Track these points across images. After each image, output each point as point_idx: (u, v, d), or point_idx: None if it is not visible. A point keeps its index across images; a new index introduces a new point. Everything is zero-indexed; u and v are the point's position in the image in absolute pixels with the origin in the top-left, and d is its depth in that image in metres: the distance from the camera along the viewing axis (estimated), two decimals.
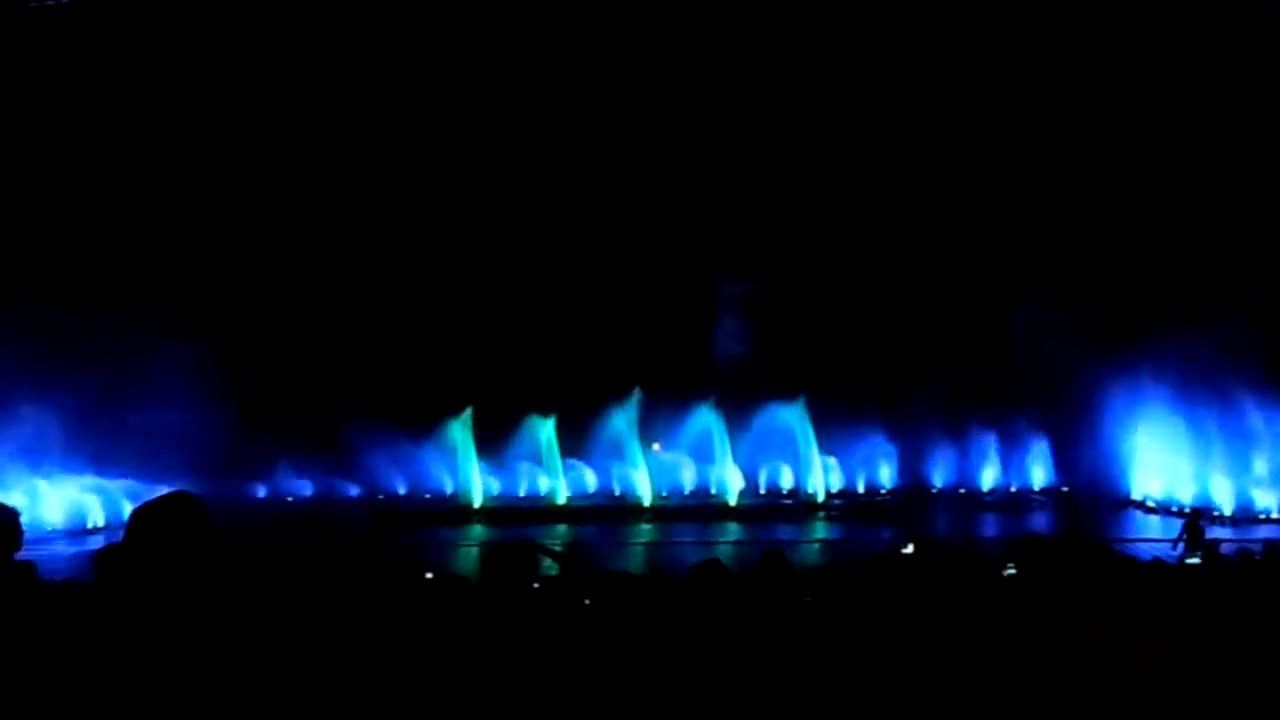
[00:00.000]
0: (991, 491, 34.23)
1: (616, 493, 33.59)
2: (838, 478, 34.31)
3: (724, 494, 32.98)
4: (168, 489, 4.01)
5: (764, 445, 34.24)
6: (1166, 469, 30.33)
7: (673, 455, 34.48)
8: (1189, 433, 29.86)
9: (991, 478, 34.60)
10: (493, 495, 33.80)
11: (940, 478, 34.76)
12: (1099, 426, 31.72)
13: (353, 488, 33.40)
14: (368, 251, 36.53)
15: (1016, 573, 4.69)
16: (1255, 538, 17.63)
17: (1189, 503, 27.66)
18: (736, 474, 33.32)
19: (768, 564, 5.80)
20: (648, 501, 32.66)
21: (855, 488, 34.41)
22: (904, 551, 7.74)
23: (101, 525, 27.50)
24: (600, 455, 34.05)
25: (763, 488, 34.13)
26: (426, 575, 6.58)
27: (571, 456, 33.95)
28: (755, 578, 5.79)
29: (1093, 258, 33.43)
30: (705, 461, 33.83)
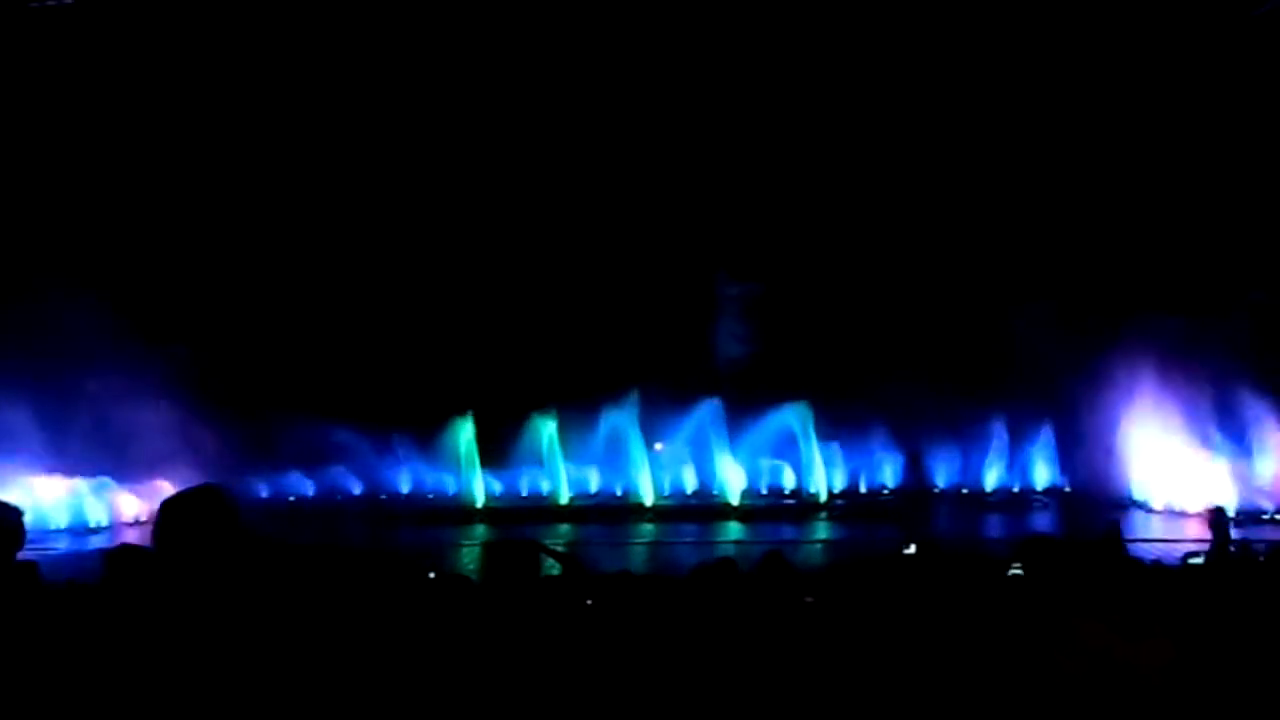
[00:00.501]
0: (994, 492, 34.20)
1: (618, 493, 33.58)
2: (840, 477, 34.29)
3: (725, 494, 32.96)
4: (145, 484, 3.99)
5: (766, 445, 34.24)
6: (1168, 469, 30.24)
7: (674, 455, 34.45)
8: (1191, 432, 29.80)
9: (994, 478, 34.57)
10: (495, 495, 33.83)
11: (943, 478, 34.74)
12: (1100, 426, 31.67)
13: (356, 488, 33.46)
14: (370, 253, 36.56)
15: (1021, 573, 4.68)
16: (1261, 538, 17.58)
17: (1206, 503, 27.45)
18: (738, 474, 33.30)
19: (767, 566, 5.79)
20: (649, 501, 32.65)
21: (858, 488, 34.39)
22: (906, 552, 7.73)
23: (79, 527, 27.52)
24: (602, 455, 34.03)
25: (764, 488, 34.10)
26: (429, 575, 6.58)
27: (573, 457, 33.94)
28: (756, 579, 5.78)
29: (1094, 255, 33.41)
30: (707, 461, 33.82)
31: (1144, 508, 30.36)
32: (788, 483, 34.09)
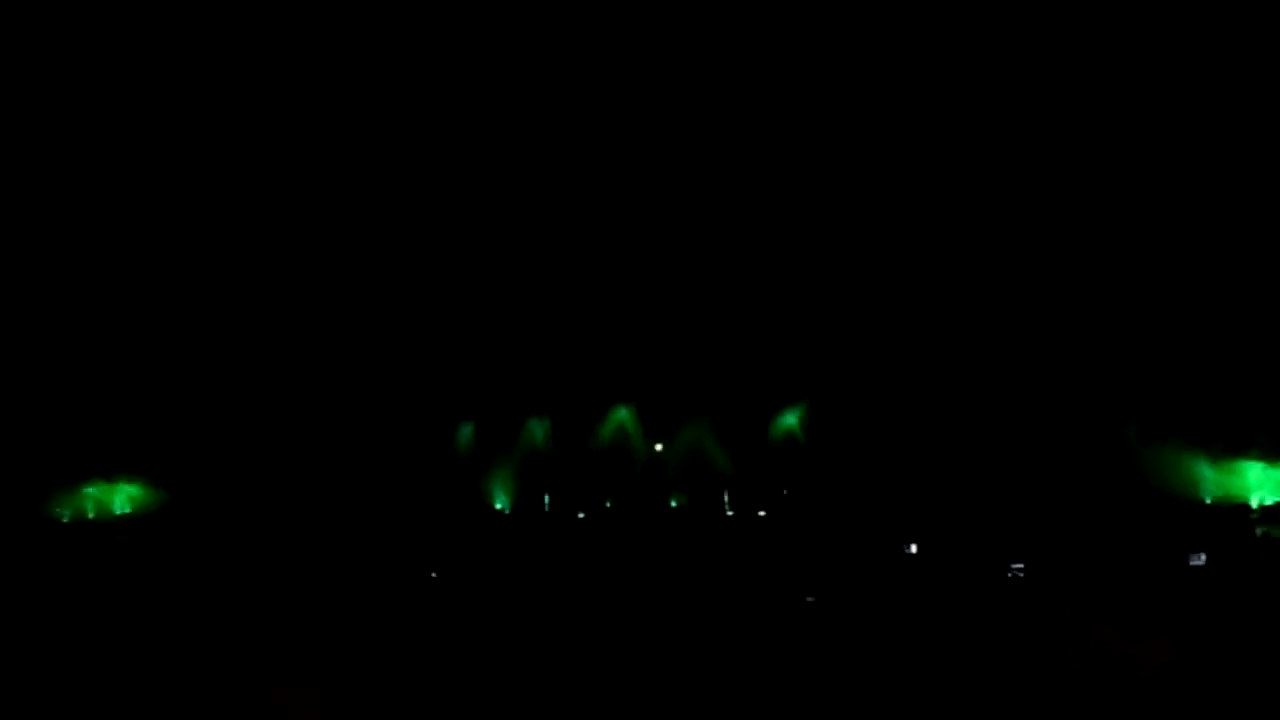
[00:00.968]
0: None
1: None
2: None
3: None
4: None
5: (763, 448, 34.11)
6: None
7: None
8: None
9: None
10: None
11: None
12: None
13: (356, 487, 33.46)
14: (373, 252, 36.49)
15: (1022, 573, 4.68)
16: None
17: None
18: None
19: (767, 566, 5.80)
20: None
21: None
22: (908, 552, 7.76)
23: None
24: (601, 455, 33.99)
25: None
26: (431, 575, 6.60)
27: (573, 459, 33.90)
28: (757, 579, 5.81)
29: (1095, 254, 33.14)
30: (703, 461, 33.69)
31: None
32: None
